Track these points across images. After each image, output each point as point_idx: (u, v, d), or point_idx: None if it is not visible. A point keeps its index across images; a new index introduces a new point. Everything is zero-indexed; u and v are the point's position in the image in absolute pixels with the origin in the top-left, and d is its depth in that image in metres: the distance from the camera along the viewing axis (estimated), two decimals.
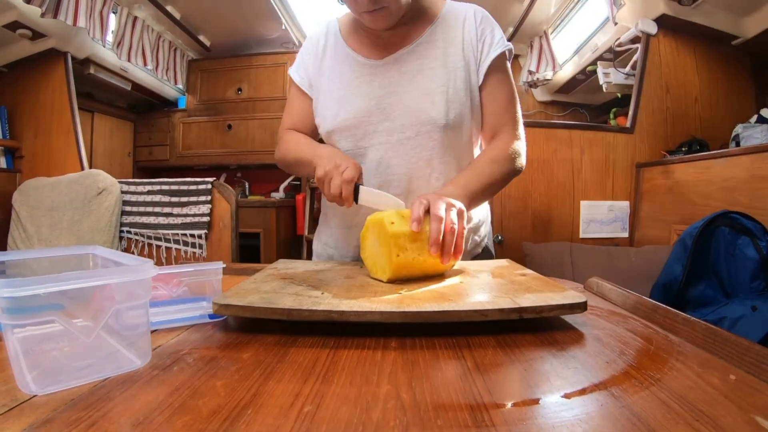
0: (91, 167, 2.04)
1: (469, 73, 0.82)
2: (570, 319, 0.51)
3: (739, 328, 1.05)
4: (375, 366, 0.38)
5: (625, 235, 2.01)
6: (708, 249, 1.29)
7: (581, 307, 0.48)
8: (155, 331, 0.48)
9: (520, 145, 0.84)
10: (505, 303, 0.47)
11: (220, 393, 0.33)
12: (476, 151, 0.90)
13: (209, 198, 1.68)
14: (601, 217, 1.99)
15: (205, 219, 1.68)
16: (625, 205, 2.01)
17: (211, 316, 0.52)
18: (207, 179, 1.70)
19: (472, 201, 0.74)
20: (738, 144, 1.74)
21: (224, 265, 0.55)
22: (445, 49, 0.82)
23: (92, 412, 0.30)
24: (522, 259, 1.82)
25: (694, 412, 0.29)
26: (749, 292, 1.18)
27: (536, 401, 0.32)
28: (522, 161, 0.84)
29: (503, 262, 0.74)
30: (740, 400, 0.31)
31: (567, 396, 0.32)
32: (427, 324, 0.46)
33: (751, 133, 1.70)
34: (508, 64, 0.85)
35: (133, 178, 3.07)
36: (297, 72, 0.90)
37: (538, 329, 0.48)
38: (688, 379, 0.35)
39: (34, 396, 0.33)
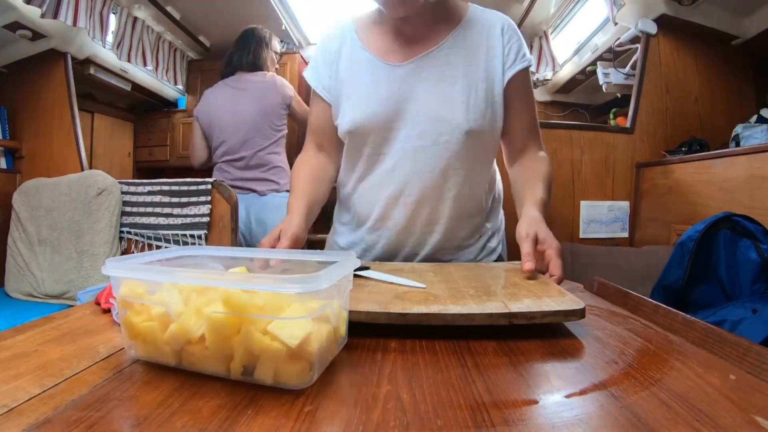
0: (91, 168, 2.04)
1: (491, 85, 0.79)
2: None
3: (740, 330, 1.05)
4: (375, 366, 0.38)
5: (625, 235, 2.01)
6: (709, 252, 1.29)
7: (577, 314, 0.45)
8: None
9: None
10: (496, 308, 0.45)
11: (220, 393, 0.33)
12: (493, 165, 0.90)
13: (209, 198, 1.68)
14: (601, 217, 1.99)
15: (205, 219, 1.68)
16: (625, 205, 2.01)
17: None
18: (207, 179, 1.70)
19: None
20: (738, 144, 1.74)
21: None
22: (467, 57, 0.79)
23: (92, 412, 0.30)
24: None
25: (695, 412, 0.29)
26: (750, 295, 1.18)
27: (536, 401, 0.32)
28: None
29: (517, 264, 0.70)
30: (740, 400, 0.31)
31: (567, 396, 0.32)
32: (425, 326, 0.46)
33: (751, 133, 1.70)
34: (530, 77, 0.85)
35: (133, 178, 3.07)
36: (312, 75, 0.88)
37: (538, 330, 0.48)
38: (689, 379, 0.35)
39: (34, 396, 0.33)
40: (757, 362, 0.36)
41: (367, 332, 0.46)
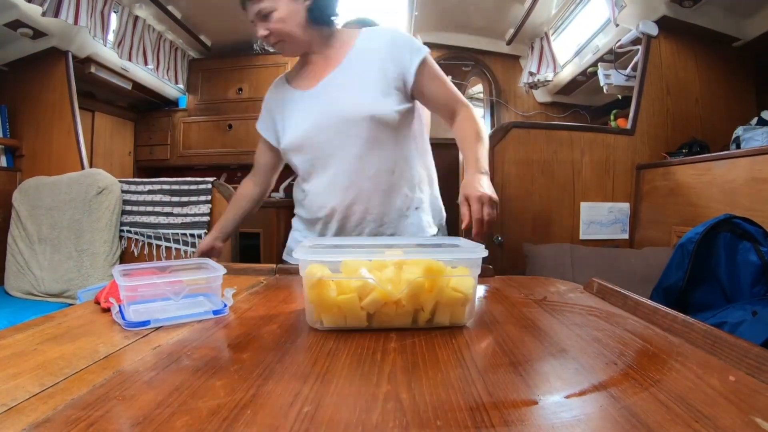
0: (91, 166, 2.04)
1: (388, 80, 0.96)
2: (569, 319, 0.51)
3: (740, 332, 1.05)
4: (374, 366, 0.38)
5: (626, 236, 2.01)
6: (709, 254, 1.29)
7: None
8: (160, 328, 0.49)
9: (478, 112, 1.00)
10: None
11: (220, 393, 0.33)
12: (411, 145, 1.05)
13: (209, 198, 1.68)
14: (601, 218, 1.99)
15: (205, 219, 1.68)
16: (625, 206, 2.01)
17: (215, 312, 0.53)
18: (207, 179, 1.70)
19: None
20: (738, 146, 1.73)
21: (225, 272, 0.56)
22: (364, 67, 0.97)
23: (92, 411, 0.30)
24: (522, 260, 1.82)
25: (694, 413, 0.29)
26: (750, 297, 1.18)
27: (535, 402, 0.32)
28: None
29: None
30: (740, 401, 0.31)
31: (566, 397, 0.32)
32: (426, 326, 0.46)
33: (751, 135, 1.70)
34: (432, 62, 0.99)
35: (134, 177, 3.07)
36: (260, 125, 1.10)
37: (538, 330, 0.48)
38: (688, 380, 0.35)
39: (34, 395, 0.33)
40: (756, 363, 0.36)
41: (367, 332, 0.46)
